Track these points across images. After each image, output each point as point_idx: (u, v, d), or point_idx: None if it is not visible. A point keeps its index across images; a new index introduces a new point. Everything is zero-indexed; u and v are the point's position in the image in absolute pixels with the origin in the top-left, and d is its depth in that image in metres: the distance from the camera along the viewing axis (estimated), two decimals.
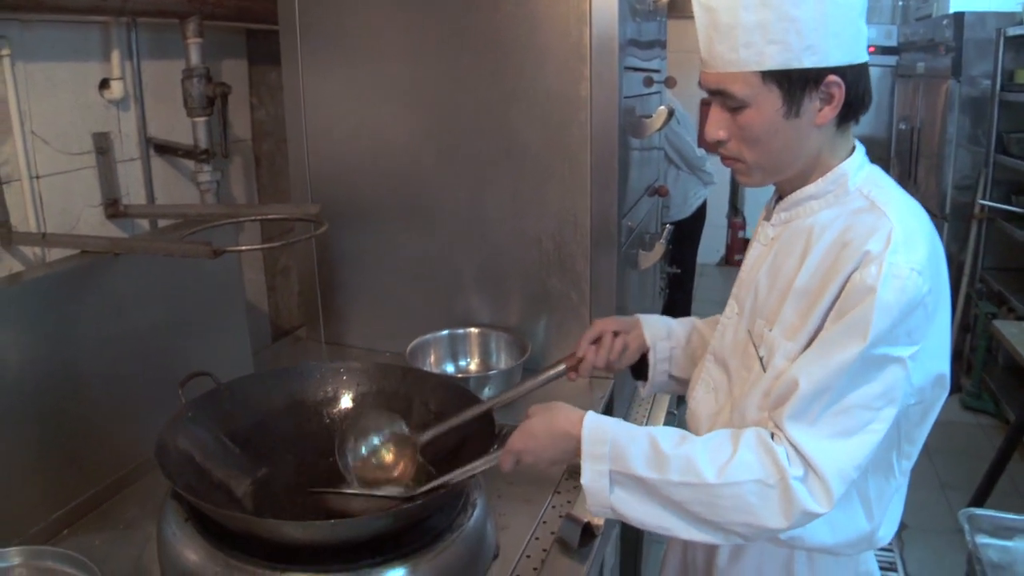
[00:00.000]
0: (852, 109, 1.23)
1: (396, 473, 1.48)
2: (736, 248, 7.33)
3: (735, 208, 7.46)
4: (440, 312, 2.17)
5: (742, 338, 1.35)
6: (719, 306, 1.47)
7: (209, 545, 1.32)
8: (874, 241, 1.16)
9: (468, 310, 2.15)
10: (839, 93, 1.19)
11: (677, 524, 1.19)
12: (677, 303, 4.46)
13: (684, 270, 4.45)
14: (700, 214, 4.82)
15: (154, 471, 1.34)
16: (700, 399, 1.42)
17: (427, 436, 1.51)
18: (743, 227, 7.37)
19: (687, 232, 4.62)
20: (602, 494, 1.20)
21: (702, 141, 4.94)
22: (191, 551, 1.33)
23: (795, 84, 1.19)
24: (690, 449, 1.18)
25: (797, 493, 1.13)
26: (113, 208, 1.80)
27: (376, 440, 1.51)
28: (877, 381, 1.14)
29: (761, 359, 1.26)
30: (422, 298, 2.20)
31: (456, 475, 1.34)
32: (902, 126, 5.87)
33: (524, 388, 1.52)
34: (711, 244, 7.17)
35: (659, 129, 2.19)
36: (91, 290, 1.61)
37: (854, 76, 1.20)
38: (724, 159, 1.32)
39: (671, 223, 2.74)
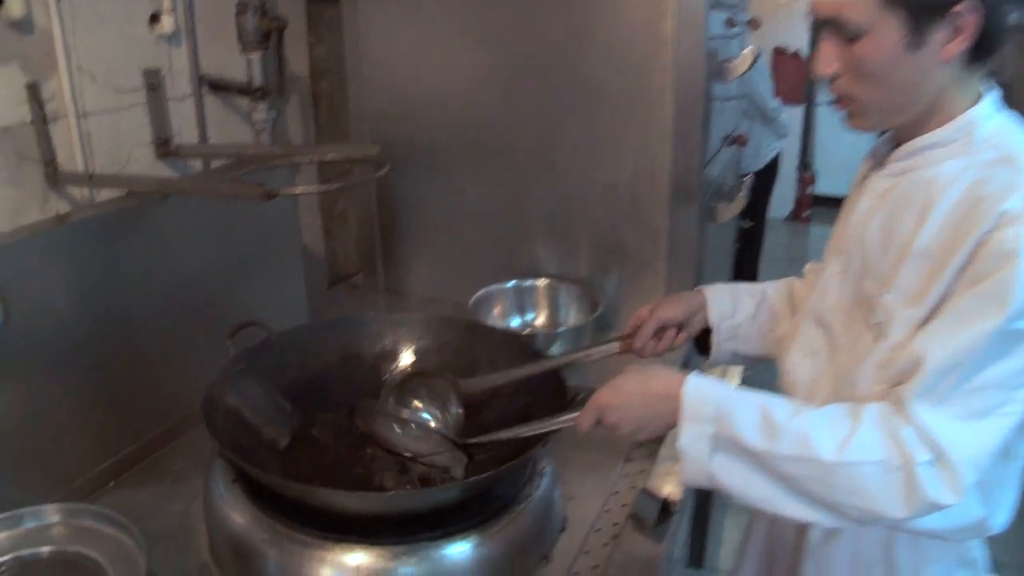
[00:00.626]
0: (983, 46, 1.06)
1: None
2: (805, 204, 7.05)
3: (805, 163, 7.17)
4: (505, 261, 2.05)
5: (847, 299, 1.21)
6: (787, 264, 1.32)
7: (257, 509, 1.22)
8: (1014, 200, 1.01)
9: (535, 260, 2.02)
10: (970, 24, 1.02)
11: (783, 500, 1.06)
12: (745, 260, 4.27)
13: (755, 225, 4.25)
14: (772, 167, 4.60)
15: (204, 422, 1.23)
16: (796, 363, 1.28)
17: (475, 386, 1.42)
18: (812, 182, 7.08)
19: (759, 186, 4.40)
20: (702, 460, 1.07)
21: (778, 91, 4.71)
22: (238, 514, 1.24)
23: (920, 10, 1.02)
24: (805, 422, 1.04)
25: (923, 481, 0.98)
26: (164, 148, 1.70)
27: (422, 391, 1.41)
28: (1014, 357, 1.00)
29: (875, 326, 1.11)
30: (486, 246, 2.07)
31: (524, 430, 1.22)
32: None
33: (576, 356, 1.39)
34: (779, 200, 6.90)
35: (744, 73, 2.01)
36: (139, 233, 1.52)
37: (990, 6, 1.02)
38: (835, 100, 1.15)
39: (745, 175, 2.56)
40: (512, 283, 1.99)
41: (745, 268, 4.40)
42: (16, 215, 1.42)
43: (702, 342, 1.47)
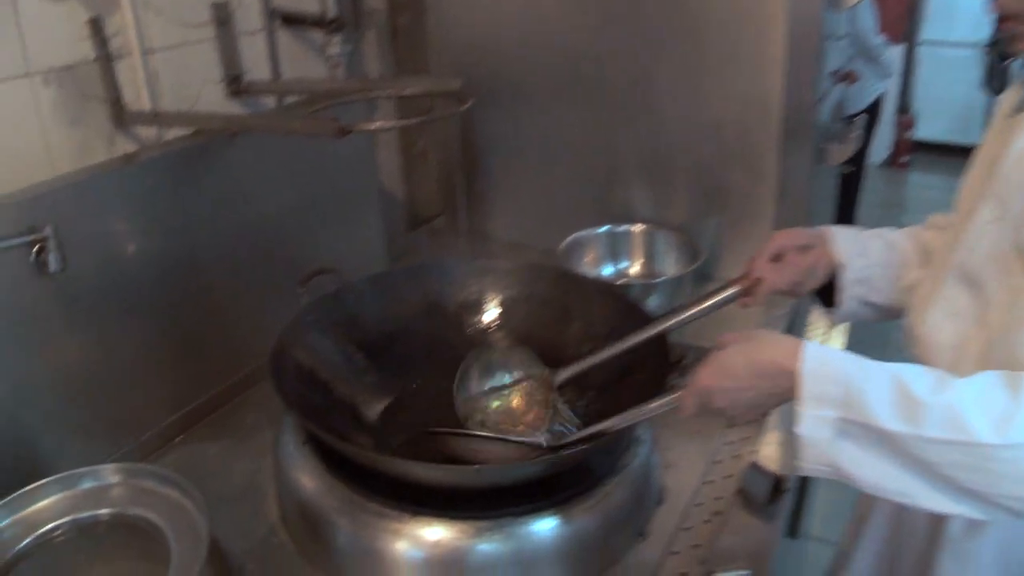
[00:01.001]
0: None
1: (527, 419, 1.25)
2: (903, 150, 6.66)
3: (904, 106, 6.76)
4: (597, 205, 1.89)
5: (1003, 250, 1.02)
6: (884, 213, 1.13)
7: (328, 474, 1.13)
8: None
9: (630, 204, 1.86)
10: None
11: (924, 491, 0.89)
12: (843, 207, 4.02)
13: (855, 171, 3.98)
14: (874, 109, 4.30)
15: (271, 378, 1.13)
16: (936, 326, 1.10)
17: (565, 375, 1.27)
18: (912, 126, 6.68)
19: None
20: (824, 448, 0.90)
21: (883, 27, 4.38)
22: (308, 478, 1.14)
23: None
24: (955, 397, 0.86)
25: None
26: (235, 85, 1.59)
27: (504, 378, 1.28)
28: None
29: None
30: (577, 188, 1.92)
31: (616, 422, 1.07)
32: None
33: (689, 314, 1.21)
34: (875, 145, 6.53)
35: (854, 4, 1.80)
36: (208, 173, 1.42)
37: None
38: (1001, 22, 0.98)
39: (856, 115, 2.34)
40: (605, 229, 1.83)
41: (842, 219, 4.14)
42: (80, 156, 1.33)
43: (823, 294, 1.28)
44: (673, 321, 1.20)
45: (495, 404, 1.27)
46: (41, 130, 1.27)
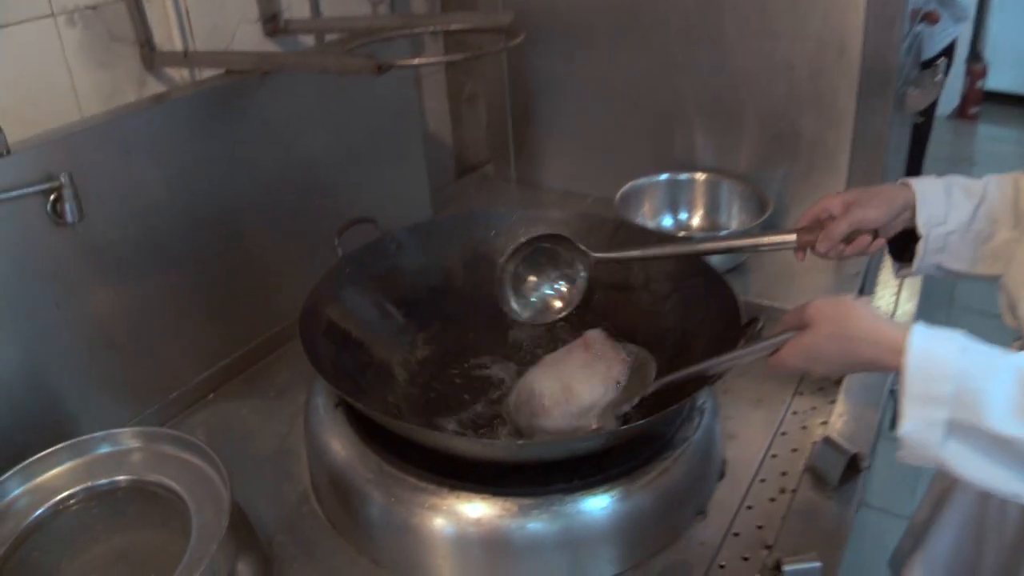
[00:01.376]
0: None
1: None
2: (973, 100, 6.31)
3: (976, 53, 6.40)
4: (656, 151, 1.76)
5: None
6: (950, 167, 0.98)
7: (361, 442, 1.04)
8: None
9: (692, 151, 1.73)
10: None
11: None
12: (910, 162, 3.79)
13: (925, 121, 3.75)
14: (947, 55, 4.04)
15: (300, 338, 1.04)
16: None
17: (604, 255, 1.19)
18: (983, 75, 6.32)
19: None
20: (930, 447, 0.79)
21: None
22: (339, 445, 1.06)
23: None
24: None
25: None
26: (272, 24, 1.49)
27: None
28: None
29: None
30: (634, 133, 1.78)
31: (711, 364, 0.95)
32: None
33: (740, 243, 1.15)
34: (944, 94, 6.19)
35: None
36: (240, 116, 1.32)
37: None
38: None
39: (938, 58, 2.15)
40: (665, 177, 1.70)
41: (909, 170, 3.93)
42: (110, 101, 1.25)
43: (898, 245, 1.16)
44: (729, 245, 1.17)
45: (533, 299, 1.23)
46: (67, 73, 1.19)
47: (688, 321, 1.15)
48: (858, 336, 0.83)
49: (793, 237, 1.10)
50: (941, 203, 1.10)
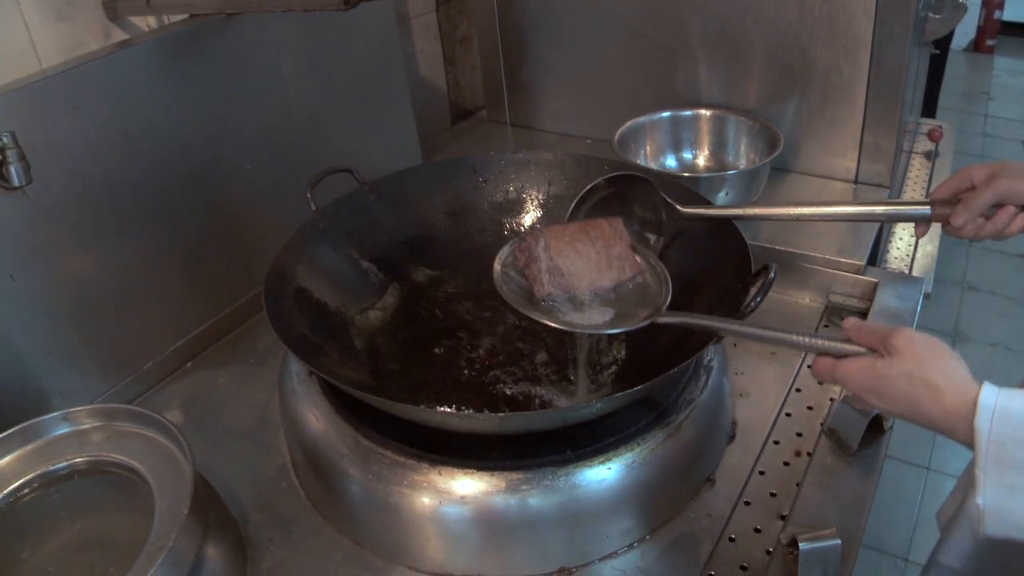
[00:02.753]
0: None
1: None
2: (989, 31, 6.05)
3: None
4: (658, 88, 1.63)
5: None
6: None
7: (337, 415, 0.95)
8: None
9: (695, 86, 1.60)
10: None
11: None
12: (927, 94, 3.62)
13: (940, 53, 3.57)
14: None
15: (264, 304, 0.95)
16: None
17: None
18: (1000, 5, 6.05)
19: None
20: (1013, 515, 0.68)
21: None
22: (314, 417, 0.97)
23: None
24: None
25: None
26: None
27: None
28: None
29: None
30: (634, 69, 1.65)
31: (732, 327, 0.84)
32: None
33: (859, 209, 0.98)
34: (959, 25, 5.92)
35: None
36: (208, 64, 1.21)
37: None
38: None
39: None
40: (667, 114, 1.58)
41: (924, 106, 3.75)
42: (72, 55, 1.14)
43: None
44: (838, 211, 1.01)
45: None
46: (24, 28, 1.07)
47: (693, 268, 1.04)
48: (932, 375, 0.70)
49: (927, 208, 0.96)
50: None
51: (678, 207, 1.07)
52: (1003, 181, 0.91)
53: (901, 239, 1.72)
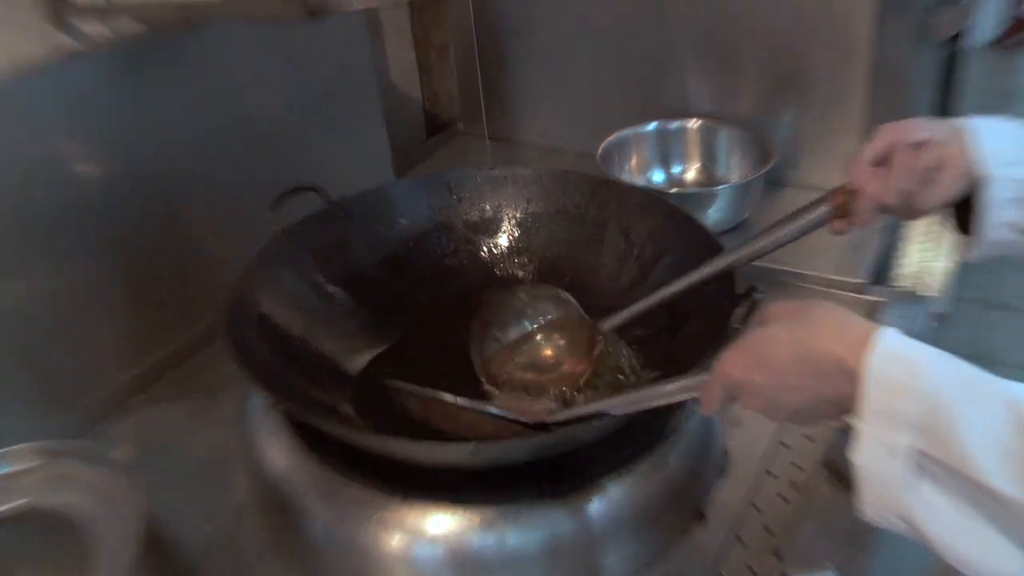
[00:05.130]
0: None
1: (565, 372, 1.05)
2: (1016, 27, 6.14)
3: None
4: (644, 98, 1.67)
5: None
6: (991, 100, 0.86)
7: (301, 448, 0.96)
8: None
9: (684, 95, 1.63)
10: None
11: None
12: (941, 96, 3.69)
13: (954, 51, 3.64)
14: None
15: (222, 333, 0.97)
16: None
17: (612, 322, 1.07)
18: None
19: None
20: (891, 486, 0.63)
21: None
22: (276, 451, 0.99)
23: None
24: None
25: None
26: None
27: (530, 325, 1.09)
28: None
29: None
30: (619, 78, 1.69)
31: (615, 404, 0.87)
32: None
33: (760, 246, 0.97)
34: (981, 19, 5.99)
35: None
36: (167, 75, 1.23)
37: None
38: None
39: None
40: (653, 126, 1.62)
41: (942, 109, 3.81)
42: (11, 64, 1.15)
43: (962, 216, 0.94)
44: (742, 254, 0.98)
45: (519, 359, 1.10)
46: None
47: (678, 292, 1.05)
48: (818, 330, 0.68)
49: (823, 209, 0.93)
50: (1009, 139, 0.89)
51: (599, 324, 1.09)
52: (885, 132, 0.90)
53: (911, 254, 1.73)
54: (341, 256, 1.18)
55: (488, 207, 1.29)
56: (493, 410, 1.00)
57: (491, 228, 1.28)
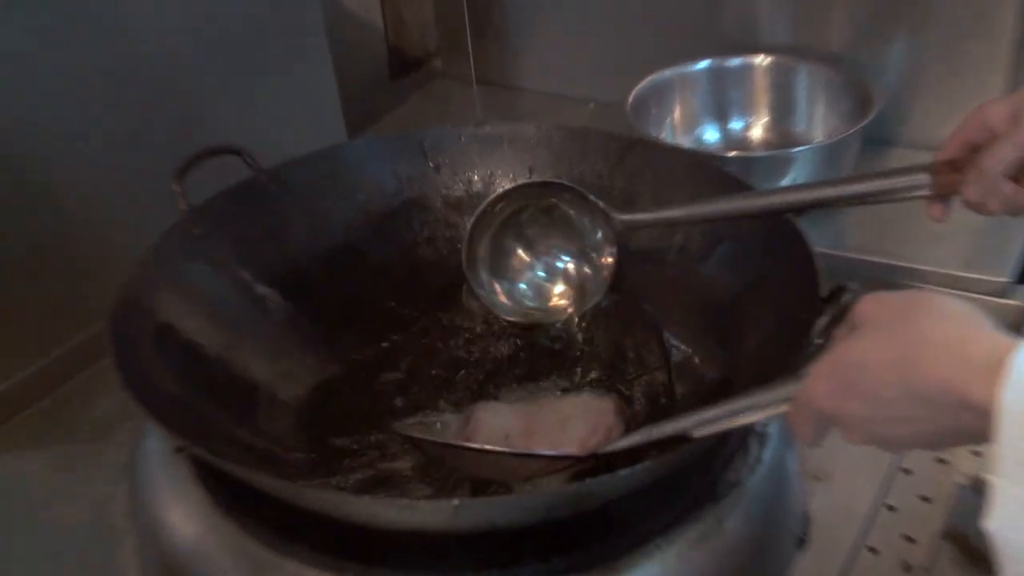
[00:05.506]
0: None
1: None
2: None
3: None
4: (693, 25, 1.75)
5: None
6: None
7: (217, 509, 0.98)
8: None
9: (748, 21, 1.71)
10: None
11: None
12: None
13: None
14: None
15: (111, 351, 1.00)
16: None
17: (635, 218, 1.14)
18: None
19: None
20: None
21: None
22: (184, 515, 1.00)
23: None
24: None
25: None
26: None
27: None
28: None
29: None
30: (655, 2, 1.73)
31: (698, 421, 0.89)
32: None
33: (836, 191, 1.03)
34: None
35: None
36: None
37: None
38: None
39: None
40: (705, 64, 1.68)
41: None
42: None
43: None
44: (799, 197, 1.04)
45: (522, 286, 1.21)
46: None
47: (735, 290, 1.11)
48: (932, 336, 0.70)
49: (924, 176, 0.98)
50: None
51: (615, 215, 1.15)
52: (988, 109, 0.94)
53: None
54: (275, 245, 1.23)
55: (476, 178, 1.33)
56: (537, 451, 1.01)
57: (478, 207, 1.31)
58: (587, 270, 1.22)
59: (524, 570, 0.91)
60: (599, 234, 1.19)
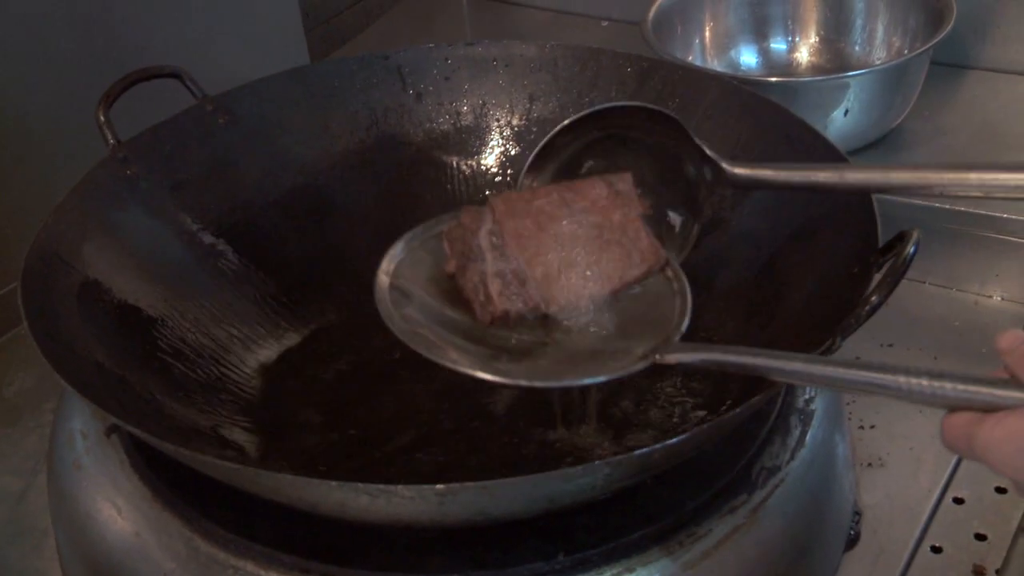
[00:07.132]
0: None
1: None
2: None
3: None
4: None
5: None
6: None
7: (156, 500, 1.01)
8: None
9: None
10: None
11: None
12: None
13: None
14: None
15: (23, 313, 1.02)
16: None
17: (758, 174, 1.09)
18: None
19: None
20: None
21: None
22: (116, 507, 1.03)
23: None
24: None
25: None
26: None
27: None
28: None
29: None
30: None
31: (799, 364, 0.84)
32: None
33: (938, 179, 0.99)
34: None
35: None
36: None
37: None
38: None
39: None
40: None
41: None
42: None
43: None
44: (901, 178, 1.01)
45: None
46: None
47: (778, 237, 1.14)
48: None
49: None
50: None
51: (725, 165, 1.12)
52: None
53: None
54: (223, 187, 1.25)
55: (466, 108, 1.36)
56: (585, 380, 0.96)
57: (470, 144, 1.36)
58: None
59: (522, 568, 0.93)
60: (693, 186, 1.15)
